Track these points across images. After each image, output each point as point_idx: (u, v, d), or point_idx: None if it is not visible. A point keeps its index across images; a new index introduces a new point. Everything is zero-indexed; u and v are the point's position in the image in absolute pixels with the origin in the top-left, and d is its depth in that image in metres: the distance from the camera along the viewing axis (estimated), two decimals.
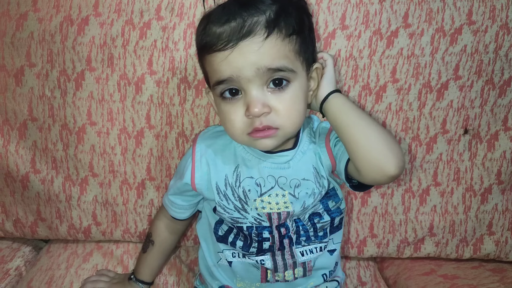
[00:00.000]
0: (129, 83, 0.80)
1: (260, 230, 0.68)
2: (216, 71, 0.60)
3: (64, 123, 0.83)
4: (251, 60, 0.57)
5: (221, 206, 0.68)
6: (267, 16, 0.58)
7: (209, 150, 0.69)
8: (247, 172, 0.67)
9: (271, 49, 0.57)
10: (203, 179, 0.68)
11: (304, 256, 0.70)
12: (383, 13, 0.76)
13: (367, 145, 0.60)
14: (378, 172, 0.59)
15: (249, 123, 0.60)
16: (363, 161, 0.60)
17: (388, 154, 0.59)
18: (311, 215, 0.69)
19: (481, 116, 0.80)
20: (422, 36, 0.77)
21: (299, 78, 0.61)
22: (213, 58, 0.59)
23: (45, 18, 0.79)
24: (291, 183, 0.66)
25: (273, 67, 0.58)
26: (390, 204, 0.85)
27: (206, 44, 0.60)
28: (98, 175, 0.86)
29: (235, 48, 0.57)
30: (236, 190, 0.67)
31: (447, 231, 0.85)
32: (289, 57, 0.59)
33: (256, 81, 0.58)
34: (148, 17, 0.78)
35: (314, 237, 0.70)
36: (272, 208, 0.66)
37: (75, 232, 0.90)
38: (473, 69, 0.78)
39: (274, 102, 0.59)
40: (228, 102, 0.61)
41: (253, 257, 0.70)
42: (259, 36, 0.57)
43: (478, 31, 0.76)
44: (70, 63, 0.80)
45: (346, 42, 0.77)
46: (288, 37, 0.59)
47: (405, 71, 0.78)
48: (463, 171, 0.83)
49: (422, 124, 0.81)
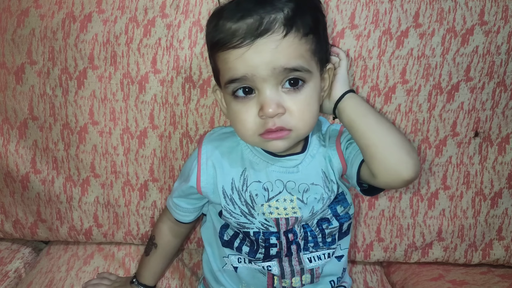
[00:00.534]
0: (133, 82, 0.78)
1: (267, 236, 0.66)
2: (230, 69, 0.57)
3: (65, 122, 0.82)
4: (268, 58, 0.55)
5: (227, 210, 0.66)
6: (285, 14, 0.56)
7: (215, 152, 0.67)
8: (255, 176, 0.65)
9: (288, 48, 0.56)
10: (209, 183, 0.67)
11: (312, 263, 0.68)
12: (393, 12, 0.75)
13: (386, 150, 0.58)
14: (395, 177, 0.58)
15: (261, 124, 0.58)
16: (380, 166, 0.58)
17: (406, 158, 0.58)
18: (319, 220, 0.67)
19: (492, 118, 0.79)
20: (433, 36, 0.75)
21: (314, 79, 0.59)
22: (227, 55, 0.57)
23: (47, 15, 0.77)
24: (300, 187, 0.65)
25: (289, 67, 0.56)
26: (398, 207, 0.83)
27: (220, 41, 0.57)
28: (100, 176, 0.84)
29: (252, 45, 0.55)
30: (242, 194, 0.65)
31: (455, 236, 0.84)
32: (305, 56, 0.57)
33: (271, 80, 0.56)
34: (152, 15, 0.76)
35: (322, 243, 0.68)
36: (280, 214, 0.65)
37: (76, 234, 0.88)
38: (484, 71, 0.76)
39: (289, 102, 0.57)
40: (240, 101, 0.59)
41: (260, 263, 0.68)
42: (277, 34, 0.55)
43: (490, 32, 0.75)
44: (72, 61, 0.78)
45: (355, 42, 0.76)
46: (305, 36, 0.57)
47: (415, 72, 0.76)
48: (473, 175, 0.82)
49: (432, 126, 0.79)
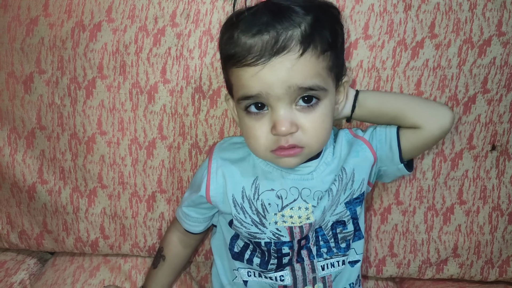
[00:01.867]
0: (142, 92, 0.77)
1: (279, 246, 0.65)
2: (244, 86, 0.57)
3: (73, 132, 0.81)
4: (283, 78, 0.54)
5: (237, 219, 0.65)
6: (302, 30, 0.54)
7: (226, 162, 0.66)
8: (268, 185, 0.64)
9: (304, 66, 0.55)
10: (219, 192, 0.66)
11: (325, 270, 0.67)
12: (408, 22, 0.73)
13: (421, 99, 0.71)
14: (441, 112, 0.65)
15: (274, 140, 0.57)
16: (424, 110, 0.65)
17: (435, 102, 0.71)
18: (334, 223, 0.66)
19: (510, 131, 0.77)
20: (449, 47, 0.74)
21: (329, 95, 0.58)
22: (242, 72, 0.56)
23: (56, 24, 0.77)
24: (315, 195, 0.63)
25: (305, 86, 0.55)
26: (411, 222, 0.81)
27: (235, 56, 0.56)
28: (107, 187, 0.83)
29: (267, 64, 0.54)
30: (254, 203, 0.64)
31: (472, 252, 0.81)
32: (322, 74, 0.56)
33: (286, 99, 0.55)
34: (162, 24, 0.75)
35: (336, 248, 0.67)
36: (294, 222, 0.63)
37: (82, 245, 0.87)
38: (502, 83, 0.75)
39: (302, 120, 0.57)
40: (253, 117, 0.58)
41: (272, 273, 0.67)
42: (293, 53, 0.54)
43: (508, 43, 0.73)
44: (81, 70, 0.78)
45: (368, 52, 0.74)
46: (323, 53, 0.56)
47: (430, 83, 0.75)
48: (490, 189, 0.79)
49: (448, 139, 0.77)
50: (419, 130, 0.63)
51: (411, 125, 0.64)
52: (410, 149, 0.66)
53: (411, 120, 0.64)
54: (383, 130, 0.66)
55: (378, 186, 0.80)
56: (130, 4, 0.75)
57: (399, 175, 0.69)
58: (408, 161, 0.68)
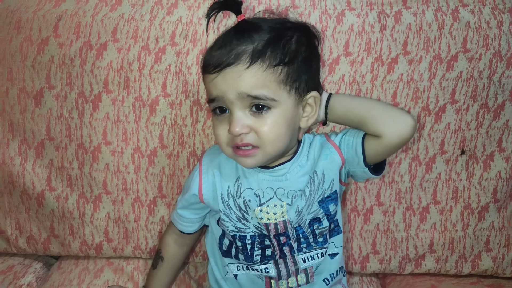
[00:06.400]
0: (144, 105, 0.84)
1: (262, 238, 0.72)
2: (207, 90, 0.67)
3: (80, 143, 0.87)
4: (232, 85, 0.63)
5: (225, 214, 0.72)
6: (254, 46, 0.63)
7: (213, 163, 0.74)
8: (247, 184, 0.71)
9: (251, 78, 0.62)
10: (210, 190, 0.73)
11: (306, 263, 0.73)
12: (383, 41, 0.81)
13: (385, 106, 0.74)
14: (400, 121, 0.67)
15: (231, 138, 0.66)
16: (385, 120, 0.68)
17: (399, 109, 0.72)
18: (311, 220, 0.72)
19: (477, 137, 0.85)
20: (420, 63, 0.81)
21: (282, 106, 0.65)
22: (206, 78, 0.66)
23: (65, 43, 0.84)
24: (289, 194, 0.70)
25: (252, 95, 0.63)
26: (392, 221, 0.89)
27: (203, 64, 0.67)
28: (111, 193, 0.89)
29: (220, 73, 0.63)
30: (236, 200, 0.71)
31: (446, 248, 0.89)
32: (270, 86, 0.63)
33: (238, 103, 0.64)
34: (163, 43, 0.82)
35: (315, 243, 0.73)
36: (270, 219, 0.70)
37: (87, 249, 0.92)
38: (468, 94, 0.83)
39: (254, 124, 0.64)
40: (217, 118, 0.67)
41: (258, 266, 0.73)
42: (242, 64, 0.62)
43: (473, 58, 0.81)
44: (88, 86, 0.84)
45: (349, 67, 0.82)
46: (272, 67, 0.63)
47: (405, 95, 0.83)
48: (461, 190, 0.87)
49: (422, 145, 0.85)
50: (380, 138, 0.67)
51: (373, 133, 0.68)
52: (373, 155, 0.70)
53: (372, 129, 0.68)
54: (352, 135, 0.71)
55: (361, 189, 0.87)
56: (134, 26, 0.83)
57: (367, 177, 0.74)
58: (376, 165, 0.72)
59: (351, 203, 0.88)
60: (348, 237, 0.89)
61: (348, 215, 0.88)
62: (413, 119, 0.67)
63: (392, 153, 0.73)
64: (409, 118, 0.67)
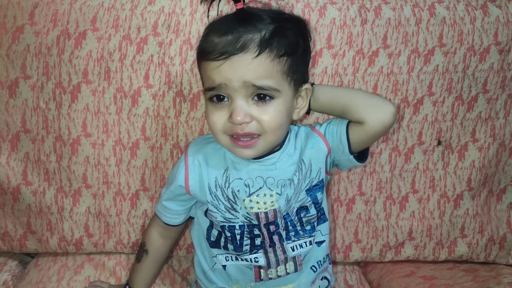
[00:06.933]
0: (126, 96, 0.82)
1: (251, 228, 0.72)
2: (208, 78, 0.65)
3: (58, 135, 0.84)
4: (239, 73, 0.62)
5: (213, 205, 0.71)
6: (262, 35, 0.62)
7: (200, 154, 0.73)
8: (236, 174, 0.71)
9: (259, 67, 0.62)
10: (196, 181, 0.72)
11: (295, 251, 0.74)
12: (364, 34, 0.83)
13: (366, 94, 0.77)
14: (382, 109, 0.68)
15: (230, 126, 0.65)
16: (367, 107, 0.69)
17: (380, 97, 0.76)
18: (298, 209, 0.73)
19: (452, 128, 0.88)
20: (399, 56, 0.84)
21: (283, 96, 0.65)
22: (207, 65, 0.64)
23: (42, 32, 0.81)
24: (278, 183, 0.71)
25: (257, 85, 0.63)
26: (373, 210, 0.91)
27: (203, 51, 0.65)
28: (91, 186, 0.86)
29: (227, 60, 0.62)
30: (225, 190, 0.71)
31: (424, 235, 0.92)
32: (275, 77, 0.64)
33: (242, 91, 0.63)
34: (145, 33, 0.81)
35: (302, 231, 0.74)
36: (260, 208, 0.71)
37: (66, 245, 0.89)
38: (444, 87, 0.86)
39: (257, 112, 0.64)
40: (214, 105, 0.66)
41: (247, 255, 0.73)
42: (250, 53, 0.62)
43: (448, 53, 0.84)
44: (66, 76, 0.82)
45: (332, 60, 0.83)
46: (278, 57, 0.63)
47: (385, 87, 0.85)
48: (437, 179, 0.90)
49: (401, 136, 0.87)
50: (363, 125, 0.69)
51: (356, 120, 0.70)
52: (358, 142, 0.71)
53: (355, 116, 0.69)
54: (336, 124, 0.72)
55: (343, 179, 0.89)
56: (114, 15, 0.80)
57: (352, 165, 0.76)
58: (360, 152, 0.74)
59: (334, 193, 0.90)
60: (331, 227, 0.90)
61: (331, 205, 0.90)
62: (394, 106, 0.69)
63: (375, 139, 0.75)
64: (390, 105, 0.69)
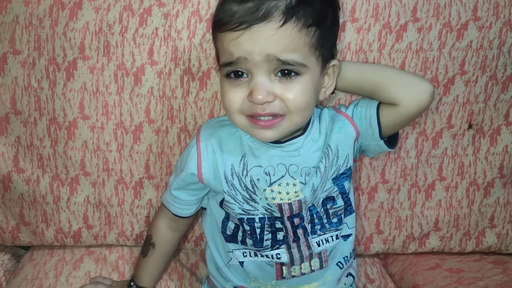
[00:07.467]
0: (127, 74, 0.75)
1: (272, 221, 0.65)
2: (225, 51, 0.57)
3: (52, 117, 0.76)
4: (262, 46, 0.54)
5: (230, 195, 0.64)
6: (287, 2, 0.54)
7: (214, 138, 0.65)
8: (255, 161, 0.64)
9: (284, 38, 0.54)
10: (210, 168, 0.65)
11: (320, 246, 0.68)
12: (392, 6, 0.75)
13: (400, 71, 0.69)
14: (418, 89, 0.63)
15: (249, 106, 0.58)
16: (401, 85, 0.63)
17: (415, 75, 0.70)
18: (324, 199, 0.66)
19: (485, 111, 0.82)
20: (430, 31, 0.77)
21: (311, 73, 0.58)
22: (224, 37, 0.56)
23: (32, 1, 0.72)
24: (302, 171, 0.64)
25: (282, 59, 0.55)
26: (396, 199, 0.85)
27: (220, 21, 0.56)
28: (90, 174, 0.79)
29: (247, 30, 0.54)
30: (242, 179, 0.64)
31: (451, 225, 0.86)
32: (302, 50, 0.56)
33: (264, 66, 0.55)
34: (148, 3, 0.73)
35: (329, 224, 0.67)
36: (283, 199, 0.64)
37: (63, 237, 0.82)
38: (478, 65, 0.79)
39: (280, 90, 0.57)
40: (232, 82, 0.58)
41: (268, 251, 0.66)
42: (274, 22, 0.54)
43: (483, 27, 0.77)
44: (60, 51, 0.73)
45: (356, 35, 0.76)
46: (306, 28, 0.56)
47: (413, 65, 0.78)
48: (467, 166, 0.84)
49: (429, 119, 0.81)
50: (396, 107, 0.63)
51: (388, 101, 0.63)
52: (390, 126, 0.65)
53: (388, 96, 0.63)
54: (364, 105, 0.66)
55: (365, 166, 0.83)
56: None
57: (380, 150, 0.69)
58: (389, 137, 0.68)
59: (356, 181, 0.83)
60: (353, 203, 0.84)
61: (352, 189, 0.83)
62: (431, 85, 0.63)
63: (408, 123, 0.69)
64: (428, 84, 0.63)
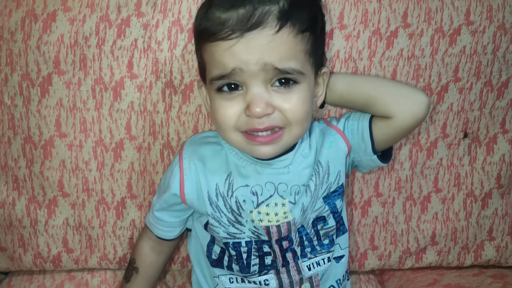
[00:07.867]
0: (106, 89, 0.71)
1: (259, 245, 0.62)
2: (217, 63, 0.53)
3: (27, 136, 0.73)
4: (258, 55, 0.51)
5: (215, 218, 0.61)
6: (280, 6, 0.52)
7: (197, 156, 0.62)
8: (242, 181, 0.60)
9: (281, 45, 0.52)
10: (193, 188, 0.61)
11: (311, 270, 0.64)
12: (382, 12, 0.73)
13: (394, 83, 0.67)
14: (413, 101, 0.61)
15: (246, 121, 0.54)
16: (395, 98, 0.61)
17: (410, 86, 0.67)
18: (314, 220, 0.63)
19: (480, 119, 0.79)
20: (421, 37, 0.74)
21: (307, 81, 0.56)
22: (215, 48, 0.53)
23: (3, 13, 0.69)
24: (292, 190, 0.60)
25: (280, 68, 0.52)
26: (391, 213, 0.81)
27: (207, 30, 0.53)
28: (69, 195, 0.75)
29: (241, 39, 0.51)
30: (228, 200, 0.60)
31: (449, 239, 0.83)
32: (299, 57, 0.54)
33: (261, 76, 0.52)
34: (126, 13, 0.69)
35: (320, 246, 0.64)
36: (271, 221, 0.60)
37: (42, 262, 0.78)
38: (472, 71, 0.76)
39: (279, 101, 0.54)
40: (225, 96, 0.55)
41: (256, 277, 0.63)
42: (269, 28, 0.51)
43: (477, 32, 0.74)
44: (34, 66, 0.70)
45: (344, 42, 0.73)
46: (301, 33, 0.53)
47: (405, 73, 0.75)
48: (463, 176, 0.81)
49: (423, 128, 0.78)
50: (390, 120, 0.60)
51: (382, 114, 0.61)
52: (383, 140, 0.63)
53: (381, 109, 0.61)
54: (356, 118, 0.63)
55: (358, 180, 0.79)
56: None
57: (374, 166, 0.67)
58: (383, 152, 0.65)
59: (348, 196, 0.80)
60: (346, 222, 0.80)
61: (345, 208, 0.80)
62: (427, 96, 0.62)
63: (403, 136, 0.65)
64: (423, 95, 0.61)
